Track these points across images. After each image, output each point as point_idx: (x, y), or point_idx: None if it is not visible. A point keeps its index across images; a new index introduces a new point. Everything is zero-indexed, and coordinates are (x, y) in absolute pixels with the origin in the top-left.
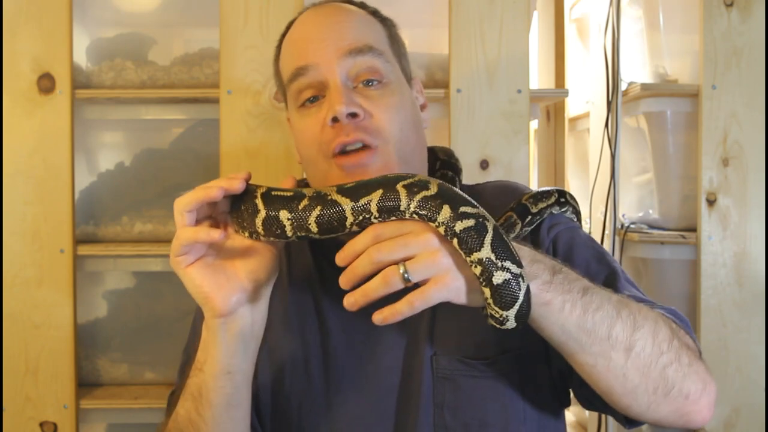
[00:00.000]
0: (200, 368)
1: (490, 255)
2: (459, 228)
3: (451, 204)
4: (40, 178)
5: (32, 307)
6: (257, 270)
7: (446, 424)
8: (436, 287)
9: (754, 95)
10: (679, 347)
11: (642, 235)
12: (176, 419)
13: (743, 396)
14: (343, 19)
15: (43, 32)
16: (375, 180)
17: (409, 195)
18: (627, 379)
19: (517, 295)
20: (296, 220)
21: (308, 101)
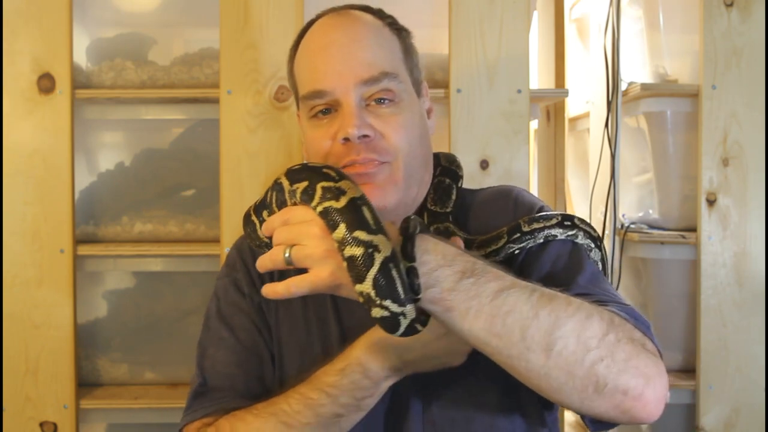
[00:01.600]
0: (357, 406)
1: (370, 291)
2: (346, 253)
3: (348, 224)
4: (40, 178)
5: (32, 307)
6: None
7: (434, 419)
8: (311, 279)
9: (754, 95)
10: (614, 342)
11: (642, 235)
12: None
13: (743, 396)
14: (361, 38)
15: (43, 32)
16: (312, 169)
17: (321, 198)
18: (551, 378)
19: (397, 328)
20: None
21: (320, 112)
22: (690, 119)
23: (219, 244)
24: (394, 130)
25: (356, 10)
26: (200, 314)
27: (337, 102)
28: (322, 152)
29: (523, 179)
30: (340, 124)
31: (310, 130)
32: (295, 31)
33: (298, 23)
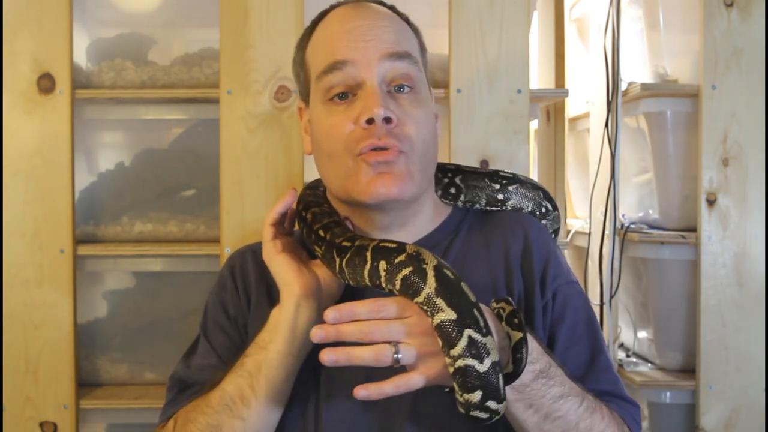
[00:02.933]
0: (264, 346)
1: (477, 400)
2: (458, 365)
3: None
4: (40, 178)
5: (32, 307)
6: (329, 278)
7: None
8: (420, 378)
9: (754, 95)
10: None
11: (642, 235)
12: (222, 396)
13: (743, 396)
14: (384, 24)
15: (43, 32)
16: (418, 259)
17: (432, 308)
18: None
19: (488, 420)
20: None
21: (337, 97)
22: (690, 119)
23: (219, 244)
24: (412, 120)
25: (378, 5)
26: (200, 314)
27: (358, 82)
28: (343, 137)
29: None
30: (363, 106)
31: (325, 117)
32: (295, 31)
33: (298, 23)
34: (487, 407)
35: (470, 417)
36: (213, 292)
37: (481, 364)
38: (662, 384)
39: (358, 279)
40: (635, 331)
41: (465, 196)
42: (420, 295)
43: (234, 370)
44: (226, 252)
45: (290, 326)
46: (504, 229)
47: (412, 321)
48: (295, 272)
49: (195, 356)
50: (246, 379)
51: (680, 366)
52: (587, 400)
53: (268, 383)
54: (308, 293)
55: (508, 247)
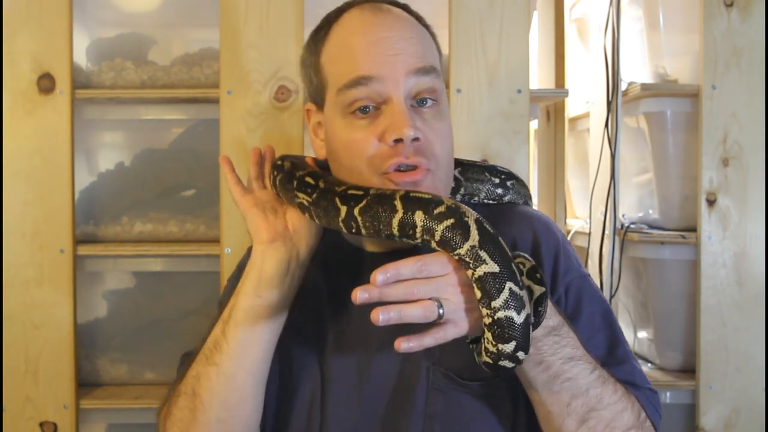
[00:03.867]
0: (236, 293)
1: (510, 350)
2: (499, 315)
3: (510, 292)
4: (40, 178)
5: (32, 307)
6: (297, 221)
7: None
8: (457, 329)
9: (754, 95)
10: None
11: (642, 235)
12: (204, 347)
13: (743, 396)
14: (410, 35)
15: (43, 32)
16: (460, 212)
17: (475, 259)
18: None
19: (507, 370)
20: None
21: (359, 110)
22: (690, 119)
23: (219, 244)
24: (438, 137)
25: (394, 7)
26: (200, 314)
27: (384, 98)
28: (367, 154)
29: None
30: (389, 124)
31: (346, 131)
32: (295, 31)
33: (298, 23)
34: (516, 357)
35: (495, 366)
36: (231, 277)
37: (518, 316)
38: (662, 384)
39: (380, 228)
40: (635, 331)
41: (465, 189)
42: (462, 248)
43: (216, 321)
44: (226, 252)
45: (257, 271)
46: (511, 226)
47: (451, 276)
48: (262, 220)
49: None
50: (220, 326)
51: (680, 366)
52: (600, 371)
53: (236, 326)
54: (274, 237)
55: (516, 244)
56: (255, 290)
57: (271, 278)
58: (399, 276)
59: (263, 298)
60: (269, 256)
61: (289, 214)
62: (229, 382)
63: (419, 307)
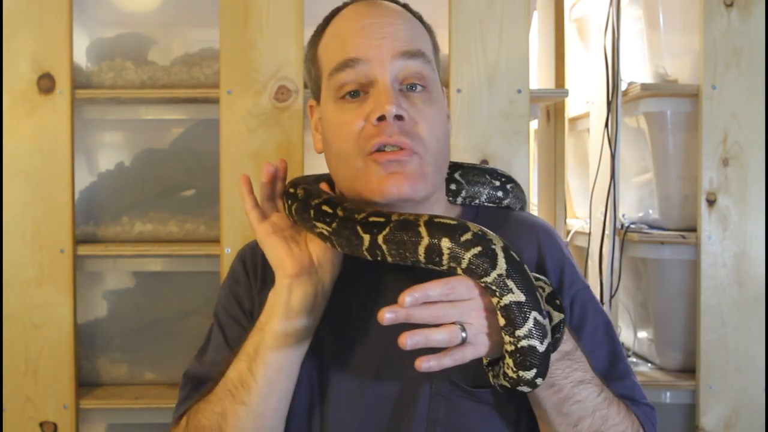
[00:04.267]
0: (261, 328)
1: (530, 377)
2: (522, 344)
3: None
4: (40, 178)
5: (32, 307)
6: (321, 253)
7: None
8: (476, 351)
9: (754, 95)
10: None
11: (642, 235)
12: (225, 383)
13: (743, 396)
14: (398, 21)
15: (43, 32)
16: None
17: (503, 288)
18: None
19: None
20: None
21: (348, 95)
22: (690, 119)
23: (219, 244)
24: (425, 120)
25: (388, 1)
26: (200, 314)
27: (370, 81)
28: (353, 135)
29: (523, 179)
30: (374, 103)
31: (336, 114)
32: (295, 31)
33: (298, 23)
34: (534, 383)
35: (512, 390)
36: (224, 286)
37: (541, 345)
38: (662, 384)
39: (406, 255)
40: (635, 331)
41: (466, 192)
42: (489, 276)
43: (236, 355)
44: (226, 252)
45: (283, 306)
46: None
47: (476, 301)
48: (286, 252)
49: (207, 352)
50: (245, 363)
51: (680, 366)
52: (606, 392)
53: (265, 365)
54: (300, 272)
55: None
56: (283, 326)
57: (298, 313)
58: (426, 298)
59: (291, 335)
60: (296, 291)
61: (312, 245)
62: (258, 420)
63: (445, 331)
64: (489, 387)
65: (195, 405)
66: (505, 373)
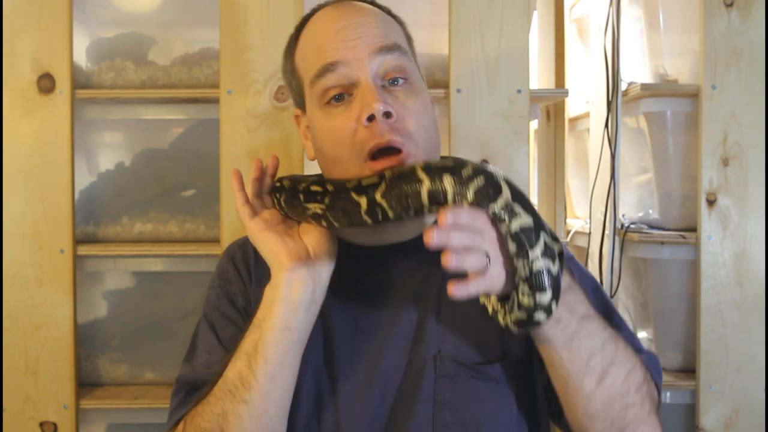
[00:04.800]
0: (259, 324)
1: (548, 300)
2: (535, 268)
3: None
4: (40, 178)
5: (32, 307)
6: (317, 244)
7: (445, 421)
8: (493, 282)
9: (754, 95)
10: (645, 394)
11: (642, 235)
12: (224, 382)
13: (743, 396)
14: (370, 20)
15: (43, 32)
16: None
17: (511, 214)
18: (591, 404)
19: (540, 323)
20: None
21: (333, 99)
22: (690, 119)
23: (219, 244)
24: (411, 113)
25: (355, 1)
26: (200, 314)
27: (352, 82)
28: (347, 140)
29: (523, 179)
30: (361, 104)
31: (324, 121)
32: None
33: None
34: (550, 307)
35: (527, 322)
36: (214, 286)
37: (553, 265)
38: (662, 384)
39: (408, 204)
40: (635, 331)
41: None
42: (497, 203)
43: (234, 353)
44: None
45: (283, 301)
46: None
47: (490, 230)
48: (281, 245)
49: (197, 354)
50: (244, 361)
51: (680, 366)
52: (610, 329)
53: (266, 361)
54: (297, 264)
55: None
56: (284, 323)
57: (298, 308)
58: (458, 222)
59: (291, 329)
60: (295, 285)
61: (307, 237)
62: (260, 419)
63: (475, 255)
64: (490, 362)
65: (193, 410)
66: (520, 303)
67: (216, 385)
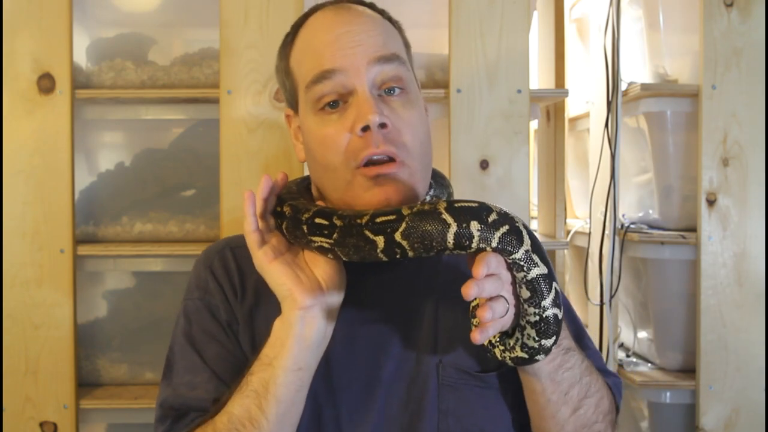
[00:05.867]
0: (269, 363)
1: (550, 345)
2: (547, 314)
3: (553, 296)
4: (40, 178)
5: (32, 307)
6: (328, 276)
7: (450, 429)
8: (504, 323)
9: (754, 95)
10: (610, 421)
11: (642, 235)
12: (230, 419)
13: (743, 396)
14: (369, 27)
15: (43, 32)
16: (512, 219)
17: (529, 262)
18: (562, 430)
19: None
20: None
21: (328, 106)
22: (690, 119)
23: None
24: (406, 124)
25: (354, 4)
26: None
27: (349, 90)
28: (341, 149)
29: (523, 179)
30: (356, 114)
31: (318, 127)
32: None
33: None
34: (550, 349)
35: (528, 360)
36: (191, 298)
37: (560, 312)
38: (662, 384)
39: (432, 246)
40: (635, 331)
41: (434, 191)
42: (518, 252)
43: (239, 389)
44: None
45: (297, 340)
46: None
47: (506, 276)
48: (294, 281)
49: (176, 374)
50: (253, 400)
51: (680, 366)
52: (587, 360)
53: (277, 402)
54: (312, 302)
55: None
56: (297, 363)
57: (311, 346)
58: (490, 270)
59: (304, 369)
60: (309, 324)
61: (317, 269)
62: None
63: (500, 303)
64: (490, 371)
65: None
66: (524, 344)
67: (218, 419)
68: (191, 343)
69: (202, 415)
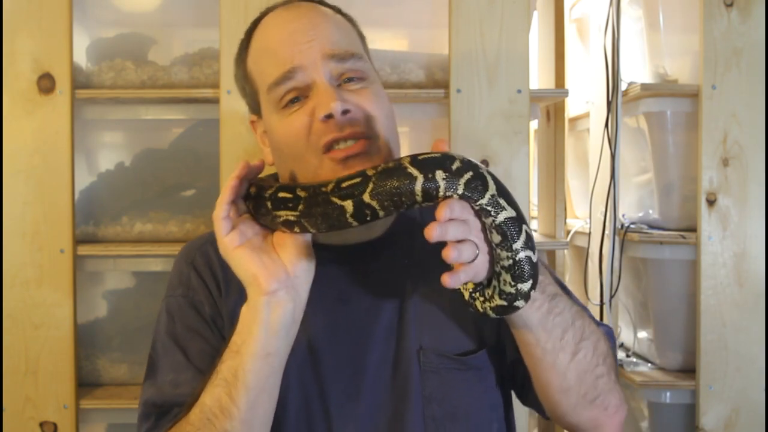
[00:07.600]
0: (237, 350)
1: (528, 289)
2: (520, 257)
3: (526, 236)
4: (40, 178)
5: (32, 307)
6: (295, 259)
7: (435, 414)
8: (478, 270)
9: (754, 95)
10: (611, 364)
11: (642, 235)
12: (202, 410)
13: (743, 396)
14: (321, 21)
15: (43, 32)
16: (475, 165)
17: (495, 206)
18: (565, 378)
19: (518, 308)
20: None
21: (290, 102)
22: (690, 119)
23: None
24: (370, 101)
25: (304, 1)
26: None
27: (309, 85)
28: (302, 133)
29: (523, 179)
30: (317, 102)
31: (281, 123)
32: None
33: None
34: (529, 294)
35: (507, 308)
36: (173, 295)
37: (534, 255)
38: (662, 384)
39: (401, 201)
40: (635, 331)
41: None
42: (484, 197)
43: (211, 379)
44: None
45: (263, 326)
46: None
47: (474, 222)
48: (258, 266)
49: (160, 373)
50: (223, 388)
51: (680, 366)
52: (576, 305)
53: (247, 389)
54: (277, 286)
55: None
56: (264, 348)
57: (278, 332)
58: (453, 214)
59: (272, 354)
60: (275, 309)
61: (284, 252)
62: None
63: (468, 246)
64: (470, 353)
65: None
66: (501, 291)
67: (192, 411)
68: (174, 341)
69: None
